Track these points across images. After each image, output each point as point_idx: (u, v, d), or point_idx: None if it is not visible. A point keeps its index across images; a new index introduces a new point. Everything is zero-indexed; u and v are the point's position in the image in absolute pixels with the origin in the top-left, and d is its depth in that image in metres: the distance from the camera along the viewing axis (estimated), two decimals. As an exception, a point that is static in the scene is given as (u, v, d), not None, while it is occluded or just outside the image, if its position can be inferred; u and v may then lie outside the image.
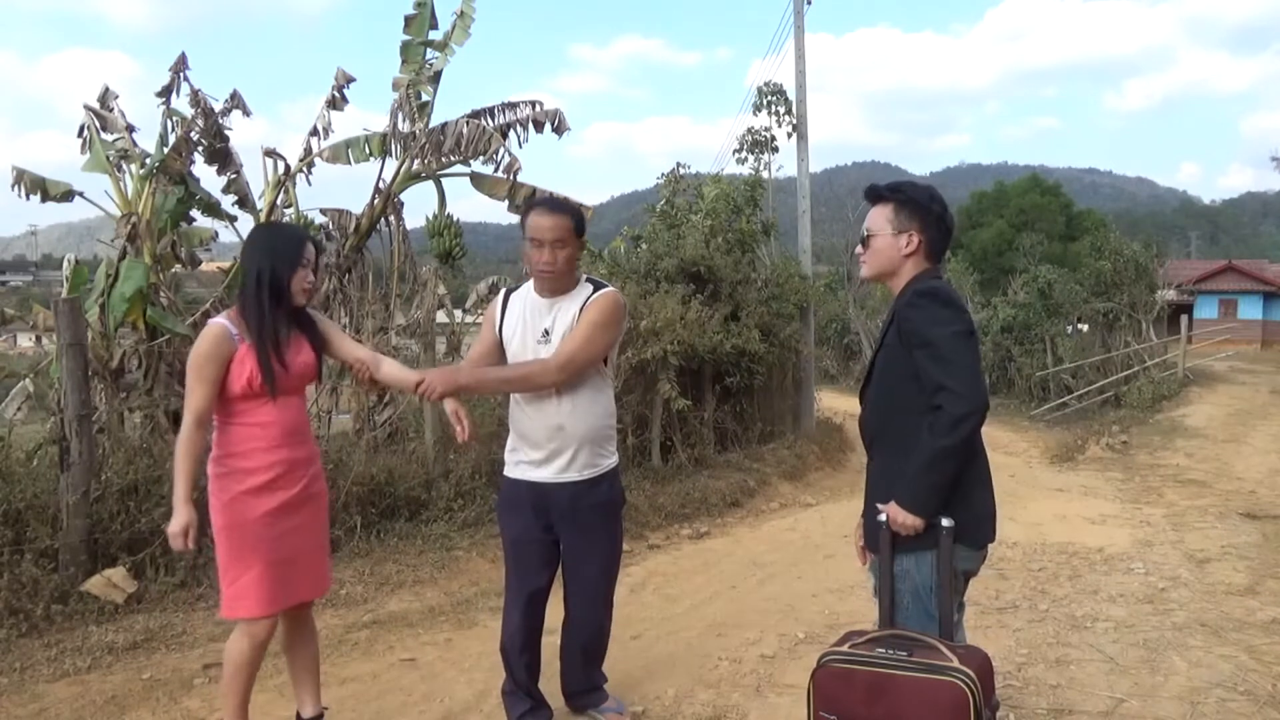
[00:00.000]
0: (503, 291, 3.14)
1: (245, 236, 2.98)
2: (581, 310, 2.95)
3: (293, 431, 2.77)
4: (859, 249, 2.57)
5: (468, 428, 2.84)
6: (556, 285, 2.98)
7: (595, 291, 3.00)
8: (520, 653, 3.12)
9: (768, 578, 5.44)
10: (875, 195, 2.55)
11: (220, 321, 2.70)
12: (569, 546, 3.06)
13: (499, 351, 3.05)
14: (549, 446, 2.96)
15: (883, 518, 2.35)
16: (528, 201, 3.17)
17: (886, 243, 2.48)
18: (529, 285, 3.07)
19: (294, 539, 2.77)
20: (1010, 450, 14.28)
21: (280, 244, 2.79)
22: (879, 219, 2.51)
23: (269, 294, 2.70)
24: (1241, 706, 3.45)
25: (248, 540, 2.70)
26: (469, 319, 10.10)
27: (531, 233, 2.91)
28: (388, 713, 3.46)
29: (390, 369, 2.97)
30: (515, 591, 3.11)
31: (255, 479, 2.70)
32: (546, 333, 2.96)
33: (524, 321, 3.00)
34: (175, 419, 6.81)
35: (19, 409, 7.50)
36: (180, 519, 2.64)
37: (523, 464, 3.03)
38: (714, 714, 3.44)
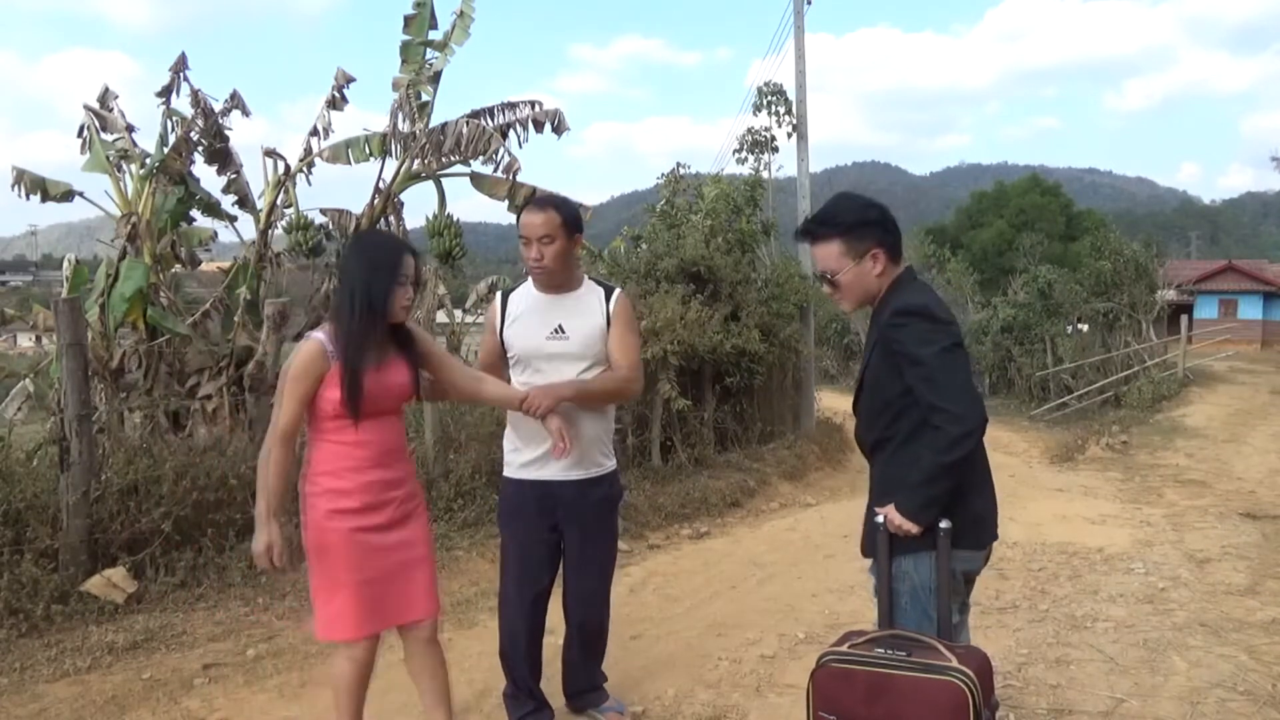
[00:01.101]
0: (499, 294, 3.12)
1: (344, 248, 2.86)
2: (611, 314, 2.99)
3: (387, 452, 2.65)
4: (827, 290, 2.49)
5: (569, 444, 2.81)
6: (553, 281, 2.98)
7: (609, 293, 3.04)
8: (523, 656, 3.11)
9: (768, 578, 5.44)
10: (811, 235, 2.45)
11: (318, 338, 2.57)
12: (572, 544, 3.06)
13: (504, 354, 3.05)
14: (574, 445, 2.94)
15: (880, 519, 2.36)
16: (522, 204, 3.20)
17: (853, 274, 2.40)
18: (528, 284, 3.07)
19: (389, 559, 2.66)
20: (1010, 450, 14.29)
21: (378, 259, 2.61)
22: (832, 257, 2.40)
23: (364, 314, 2.53)
24: (1241, 706, 3.45)
25: (339, 561, 2.60)
26: (469, 319, 10.10)
27: (521, 230, 2.94)
28: (388, 713, 3.46)
29: (493, 389, 2.91)
30: (518, 594, 3.09)
31: (347, 500, 2.59)
32: (560, 329, 2.95)
33: (528, 318, 2.99)
34: (175, 419, 6.82)
35: (19, 409, 7.50)
36: (264, 537, 2.55)
37: (527, 464, 3.02)
38: (714, 714, 3.44)
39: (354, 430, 2.58)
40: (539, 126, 8.58)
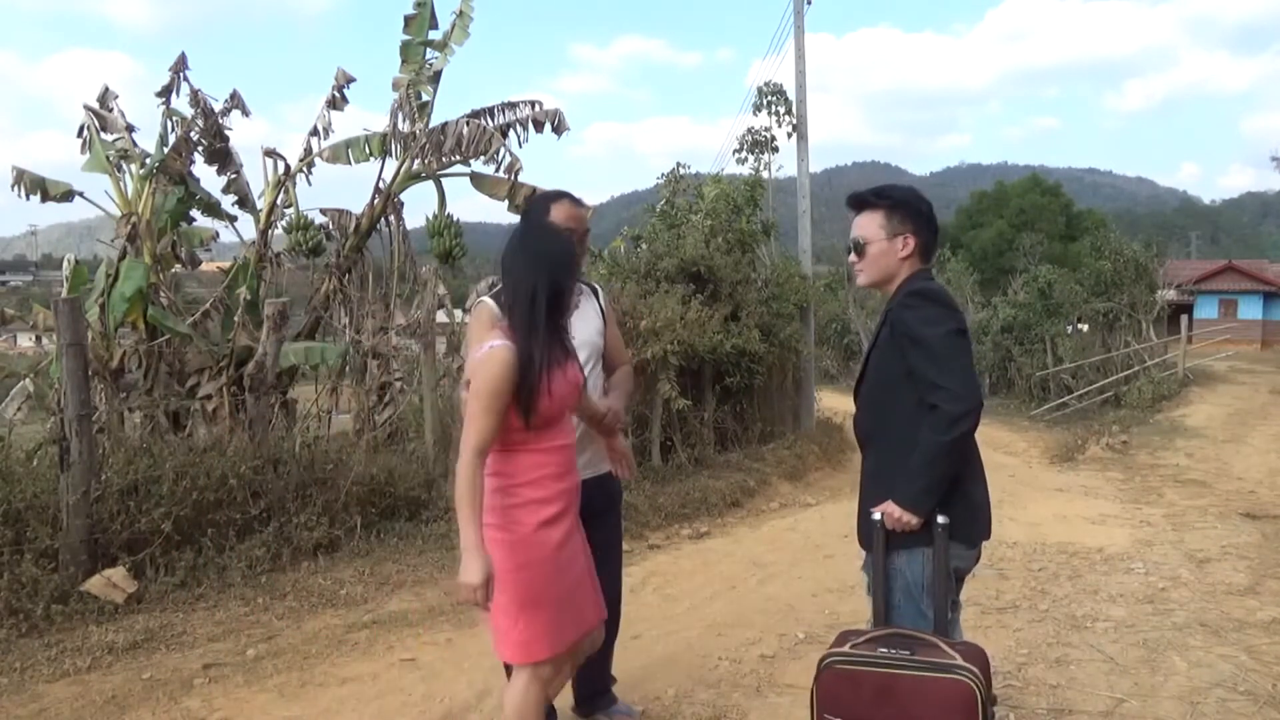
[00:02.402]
0: (489, 299, 2.87)
1: (517, 237, 2.57)
2: (605, 312, 2.98)
3: (573, 454, 2.58)
4: (852, 257, 2.55)
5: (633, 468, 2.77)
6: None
7: (596, 291, 3.01)
8: None
9: (768, 578, 5.44)
10: (861, 202, 2.53)
11: (508, 344, 2.38)
12: (593, 547, 2.96)
13: None
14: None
15: (877, 516, 2.36)
16: (546, 193, 3.05)
17: (882, 248, 2.48)
18: None
19: (577, 566, 2.56)
20: (1010, 450, 14.29)
21: (558, 252, 2.48)
22: (871, 226, 2.49)
23: (547, 311, 2.40)
24: (1241, 706, 3.45)
25: (544, 576, 2.45)
26: (469, 319, 10.09)
27: (568, 222, 2.82)
28: (388, 713, 3.46)
29: (587, 401, 2.77)
30: None
31: (550, 508, 2.46)
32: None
33: None
34: (175, 419, 6.83)
35: (19, 409, 7.51)
36: (479, 568, 2.32)
37: None
38: (714, 714, 3.43)
39: (549, 436, 2.46)
40: (539, 126, 8.58)
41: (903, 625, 2.34)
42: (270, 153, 8.53)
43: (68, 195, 8.16)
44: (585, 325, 2.91)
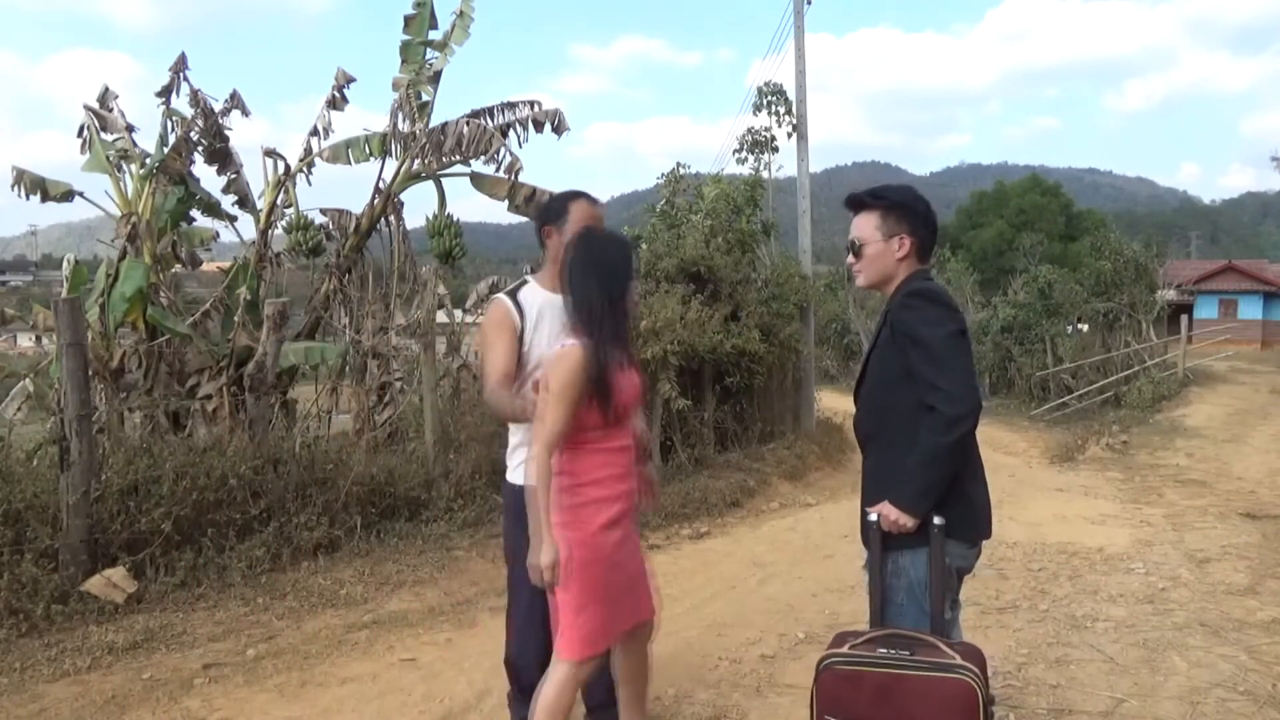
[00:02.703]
0: (504, 297, 2.92)
1: (577, 244, 2.67)
2: None
3: (633, 456, 2.65)
4: (850, 259, 2.56)
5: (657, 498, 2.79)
6: None
7: None
8: (535, 665, 2.96)
9: (768, 578, 5.44)
10: (858, 203, 2.54)
11: (581, 344, 2.49)
12: None
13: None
14: None
15: (874, 517, 2.36)
16: (564, 194, 3.03)
17: (879, 249, 2.48)
18: (533, 284, 2.94)
19: (632, 564, 2.66)
20: (1010, 450, 14.30)
21: (617, 257, 2.61)
22: (867, 227, 2.50)
23: (608, 313, 2.52)
24: (1241, 706, 3.45)
25: (603, 576, 2.54)
26: (469, 319, 10.10)
27: (587, 220, 2.84)
28: (388, 713, 3.46)
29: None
30: (531, 603, 2.92)
31: (611, 509, 2.56)
32: None
33: (548, 320, 2.85)
34: (175, 419, 6.82)
35: (19, 409, 7.51)
36: (553, 551, 2.46)
37: None
38: (714, 714, 3.44)
39: (614, 436, 2.56)
40: (539, 126, 8.58)
41: (904, 624, 2.34)
42: (270, 153, 8.52)
43: (68, 195, 8.16)
44: None
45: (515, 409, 2.81)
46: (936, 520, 2.30)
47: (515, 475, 2.95)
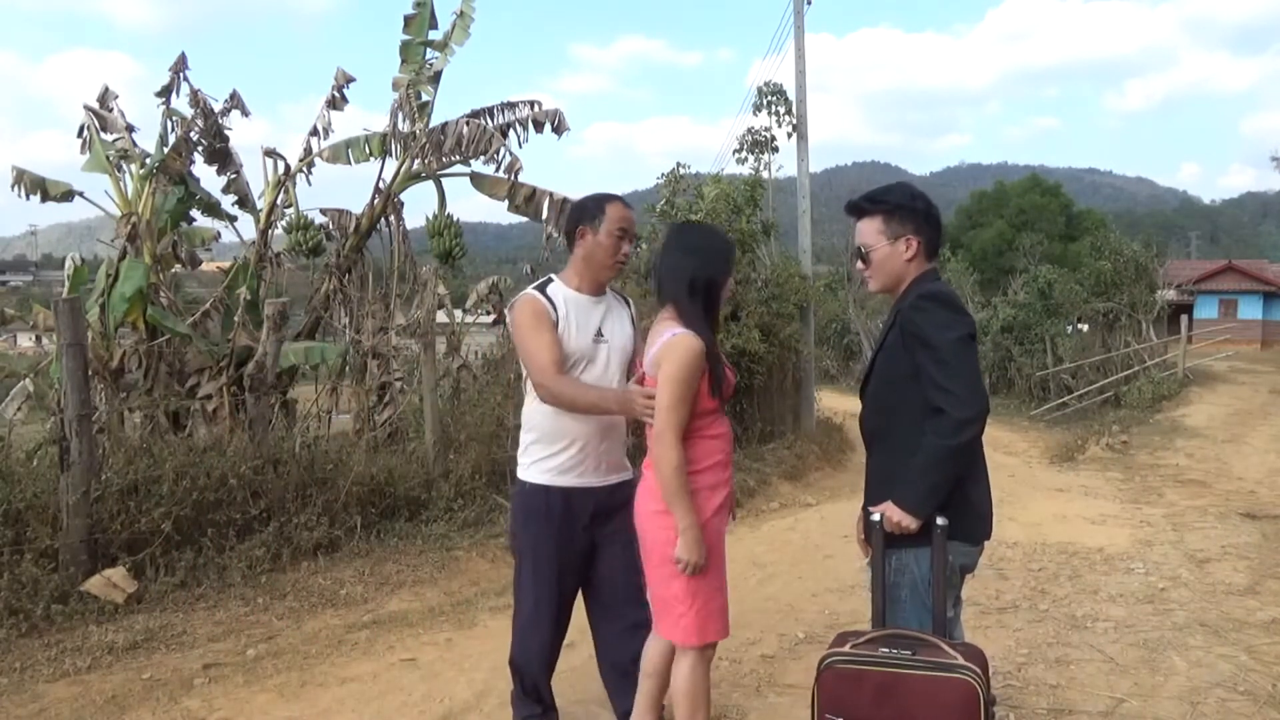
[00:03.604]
0: (535, 292, 2.87)
1: (671, 234, 2.78)
2: (636, 323, 3.01)
3: (732, 443, 2.72)
4: (859, 265, 2.56)
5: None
6: (608, 281, 2.96)
7: (628, 303, 3.05)
8: (545, 669, 3.00)
9: (768, 578, 5.44)
10: (858, 210, 2.54)
11: (690, 331, 2.52)
12: (613, 547, 2.94)
13: None
14: (601, 448, 2.89)
15: (876, 517, 2.36)
16: (599, 195, 3.03)
17: (886, 253, 2.48)
18: (559, 282, 2.90)
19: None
20: (1010, 450, 14.29)
21: (718, 250, 2.67)
22: (871, 232, 2.49)
23: (705, 301, 2.59)
24: (1241, 706, 3.45)
25: (717, 562, 2.60)
26: (469, 319, 10.10)
27: (622, 224, 2.84)
28: (388, 713, 3.46)
29: None
30: (548, 606, 2.93)
31: (719, 495, 2.63)
32: (601, 333, 2.87)
33: (575, 319, 2.84)
34: (175, 419, 6.82)
35: (19, 409, 7.51)
36: (699, 541, 2.50)
37: (563, 470, 2.86)
38: (714, 714, 3.42)
39: (717, 423, 2.63)
40: (539, 126, 8.58)
41: (907, 622, 2.34)
42: (270, 153, 8.53)
43: (68, 195, 8.17)
44: (620, 327, 2.93)
45: (599, 398, 2.79)
46: (940, 521, 2.30)
47: (531, 473, 2.90)
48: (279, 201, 8.49)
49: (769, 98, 12.78)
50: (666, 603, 2.61)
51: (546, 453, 2.88)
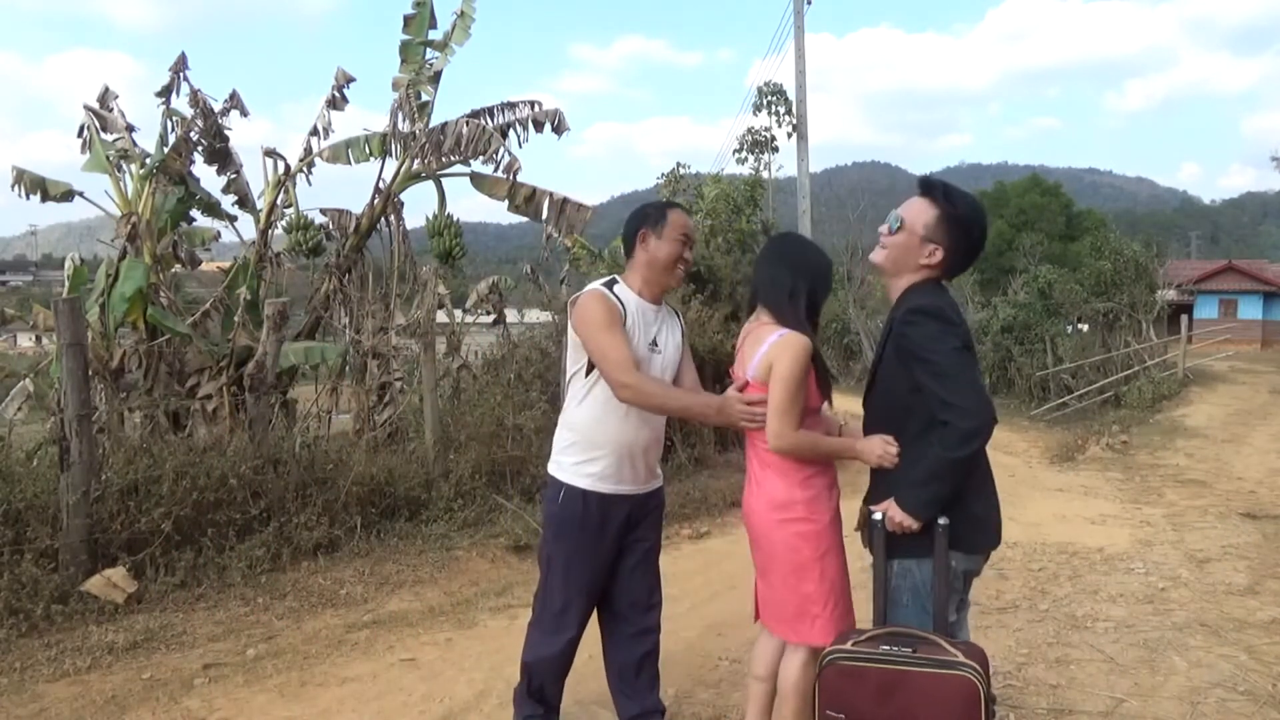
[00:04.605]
0: (604, 289, 2.82)
1: (775, 242, 2.86)
2: (684, 333, 3.01)
3: None
4: (884, 229, 2.49)
5: None
6: (669, 289, 2.96)
7: (678, 314, 3.05)
8: (562, 673, 2.99)
9: (768, 578, 5.43)
10: (928, 189, 2.45)
11: (797, 333, 2.55)
12: (638, 552, 2.95)
13: None
14: (645, 456, 2.88)
15: (878, 516, 2.36)
16: (661, 203, 3.01)
17: (912, 243, 2.42)
18: (622, 285, 2.87)
19: None
20: (1010, 450, 14.26)
21: (819, 262, 2.71)
22: (920, 217, 2.42)
23: (807, 312, 2.61)
24: (1241, 706, 3.45)
25: (840, 562, 2.64)
26: (469, 319, 10.10)
27: (684, 230, 2.84)
28: (388, 713, 3.46)
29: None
30: (577, 611, 2.92)
31: (832, 498, 2.66)
32: (655, 343, 2.86)
33: (638, 326, 2.82)
34: (175, 419, 6.82)
35: (19, 409, 7.51)
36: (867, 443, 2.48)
37: (608, 477, 2.83)
38: (714, 714, 3.44)
39: (818, 424, 2.67)
40: (539, 126, 8.58)
41: (907, 624, 2.34)
42: (270, 153, 8.53)
43: (68, 195, 8.17)
44: (672, 337, 2.93)
45: (692, 402, 2.83)
46: (941, 521, 2.30)
47: (571, 475, 2.85)
48: (279, 201, 8.49)
49: (769, 98, 12.81)
50: (800, 605, 2.61)
51: (587, 456, 2.83)
